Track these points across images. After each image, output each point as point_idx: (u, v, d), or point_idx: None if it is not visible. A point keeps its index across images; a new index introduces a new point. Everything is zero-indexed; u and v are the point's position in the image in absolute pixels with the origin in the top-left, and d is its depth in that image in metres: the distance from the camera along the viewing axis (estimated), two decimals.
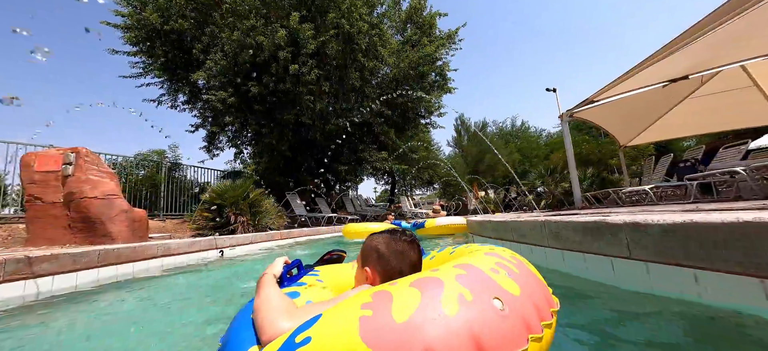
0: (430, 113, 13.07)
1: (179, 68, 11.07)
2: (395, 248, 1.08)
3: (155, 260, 3.95)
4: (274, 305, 0.81)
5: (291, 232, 6.84)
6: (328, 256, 1.61)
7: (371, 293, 0.72)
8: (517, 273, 0.87)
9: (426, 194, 23.91)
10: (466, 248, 1.23)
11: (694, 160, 5.81)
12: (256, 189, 7.36)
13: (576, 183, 8.77)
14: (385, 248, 1.09)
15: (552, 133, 21.38)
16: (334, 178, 12.95)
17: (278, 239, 6.36)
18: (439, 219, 7.28)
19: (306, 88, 8.90)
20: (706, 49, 6.32)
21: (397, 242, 1.10)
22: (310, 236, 7.47)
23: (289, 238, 6.68)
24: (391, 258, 1.07)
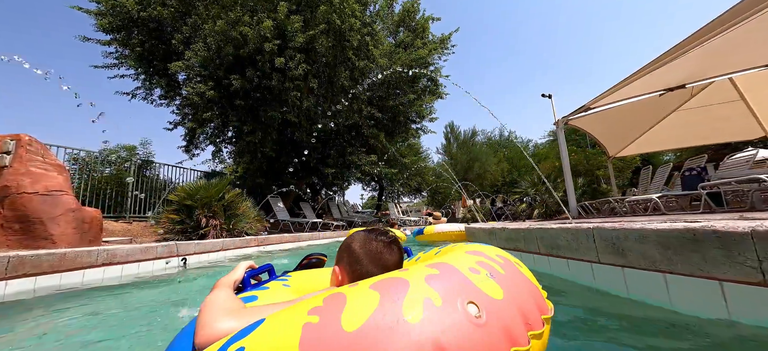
0: (421, 118, 12.53)
1: (157, 60, 10.17)
2: (369, 248, 0.94)
3: (94, 270, 3.14)
4: (216, 306, 0.72)
5: (269, 239, 6.04)
6: (306, 260, 1.46)
7: (325, 296, 0.62)
8: (502, 274, 0.75)
9: (413, 201, 23.34)
10: (452, 247, 1.00)
11: (700, 169, 5.41)
12: (232, 190, 6.56)
13: (572, 192, 8.32)
14: (358, 246, 0.95)
15: (539, 144, 21.33)
16: (320, 182, 12.17)
17: (254, 246, 5.57)
18: (437, 226, 6.68)
19: (292, 83, 8.19)
20: (703, 58, 6.06)
21: (373, 241, 0.95)
22: (291, 243, 6.69)
23: (266, 245, 5.89)
24: (364, 258, 0.92)
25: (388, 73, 10.79)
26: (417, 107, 12.05)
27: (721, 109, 9.77)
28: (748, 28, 3.93)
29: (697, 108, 9.80)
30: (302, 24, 8.44)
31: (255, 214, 6.75)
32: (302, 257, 1.48)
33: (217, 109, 8.81)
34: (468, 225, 4.94)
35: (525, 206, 9.79)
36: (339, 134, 11.31)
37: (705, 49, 4.76)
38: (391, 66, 10.70)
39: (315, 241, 7.62)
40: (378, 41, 10.22)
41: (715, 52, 5.36)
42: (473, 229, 4.10)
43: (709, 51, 5.10)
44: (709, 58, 6.26)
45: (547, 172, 16.10)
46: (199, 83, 8.51)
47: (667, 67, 5.60)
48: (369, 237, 0.97)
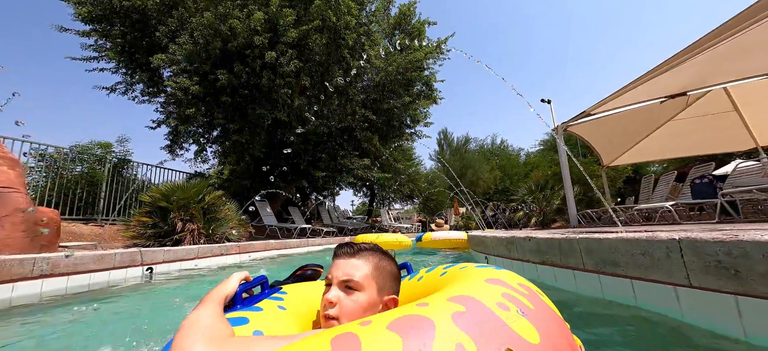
0: (416, 122, 12.07)
1: (139, 53, 9.46)
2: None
3: (27, 284, 2.50)
4: (198, 329, 0.61)
5: (252, 245, 5.39)
6: (300, 271, 1.27)
7: (332, 337, 0.50)
8: (532, 310, 0.63)
9: (405, 208, 22.82)
10: (460, 269, 0.87)
11: (712, 177, 5.07)
12: (214, 191, 5.91)
13: (572, 200, 7.96)
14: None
15: (531, 152, 21.21)
16: (310, 187, 11.55)
17: (235, 253, 4.93)
18: (436, 233, 6.22)
19: (283, 80, 7.63)
20: (706, 66, 5.89)
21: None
22: (278, 250, 6.05)
23: (249, 253, 5.25)
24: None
25: (383, 75, 10.34)
26: (412, 111, 11.60)
27: (714, 120, 9.64)
28: (754, 33, 3.87)
29: (690, 118, 9.65)
30: (295, 19, 7.92)
31: (238, 218, 6.11)
32: (296, 268, 1.30)
33: (202, 105, 8.15)
34: (474, 232, 4.44)
35: (522, 214, 9.39)
36: (331, 137, 10.75)
37: (708, 56, 4.66)
38: (387, 67, 10.26)
39: (304, 249, 7.00)
40: (374, 42, 9.77)
41: (718, 59, 5.07)
42: (483, 239, 3.60)
43: (712, 58, 4.87)
44: (712, 66, 6.03)
45: (540, 180, 15.86)
46: (183, 78, 7.86)
47: (668, 74, 5.50)
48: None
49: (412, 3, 11.93)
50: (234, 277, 0.94)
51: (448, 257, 5.28)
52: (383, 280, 0.84)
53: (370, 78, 10.63)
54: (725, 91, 8.00)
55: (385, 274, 0.86)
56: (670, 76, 6.38)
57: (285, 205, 12.24)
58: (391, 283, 0.87)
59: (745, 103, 8.22)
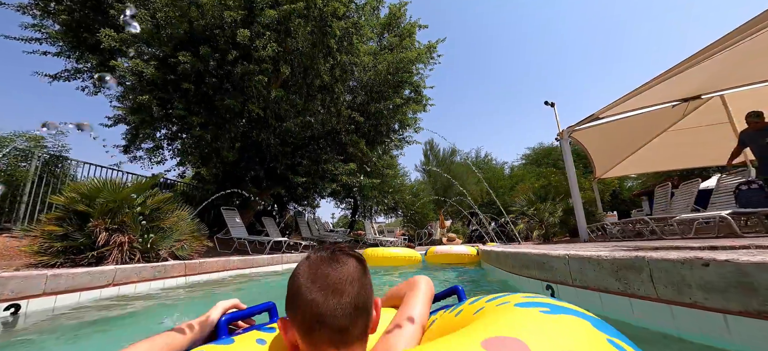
0: (405, 127, 11.03)
1: (88, 33, 7.91)
2: (303, 272, 0.61)
3: None
4: None
5: (205, 264, 3.96)
6: None
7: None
8: None
9: (388, 221, 21.60)
10: (508, 310, 0.57)
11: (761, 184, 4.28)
12: (161, 193, 4.50)
13: (581, 211, 7.10)
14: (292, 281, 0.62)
15: (514, 165, 20.79)
16: (288, 195, 10.14)
17: (177, 276, 3.52)
18: (439, 248, 6.07)
19: (258, 66, 6.36)
20: (718, 70, 5.64)
21: (307, 262, 0.64)
22: (240, 270, 4.63)
23: (199, 273, 3.84)
24: (300, 290, 0.59)
25: (372, 74, 9.29)
26: (401, 115, 10.57)
27: (706, 133, 9.21)
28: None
29: (686, 129, 9.20)
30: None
31: (193, 229, 4.69)
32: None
33: (159, 93, 6.71)
34: (490, 247, 3.36)
35: (522, 226, 8.46)
36: (313, 139, 9.48)
37: (720, 60, 4.49)
38: (376, 66, 9.23)
39: (277, 266, 5.61)
40: (363, 36, 8.75)
41: (732, 62, 4.92)
42: (520, 256, 2.48)
43: (726, 61, 4.71)
44: (724, 70, 5.55)
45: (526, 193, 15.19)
46: (137, 60, 6.43)
47: (680, 77, 4.91)
48: (308, 261, 0.63)
49: (403, 4, 11.09)
50: (217, 306, 0.81)
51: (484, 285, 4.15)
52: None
53: (358, 77, 9.54)
54: (722, 100, 7.56)
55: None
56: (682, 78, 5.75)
57: (259, 216, 10.74)
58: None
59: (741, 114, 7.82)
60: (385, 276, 4.78)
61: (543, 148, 20.81)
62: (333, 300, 0.56)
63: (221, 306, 0.81)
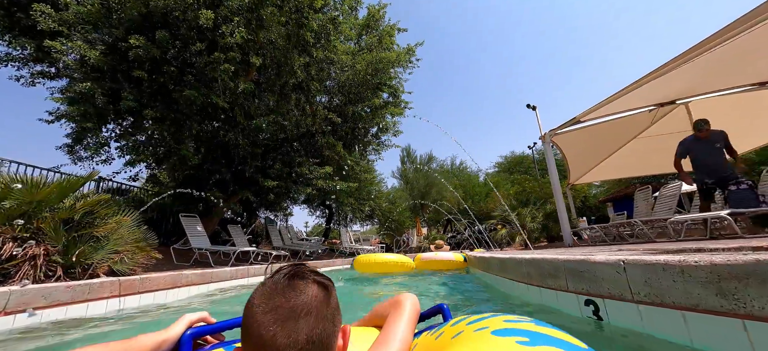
0: (384, 130, 10.57)
1: (22, 11, 6.76)
2: (251, 311, 0.54)
3: None
4: None
5: (147, 281, 3.16)
6: None
7: None
8: None
9: (363, 229, 20.92)
10: (484, 338, 0.56)
11: (751, 182, 4.23)
12: (94, 195, 3.67)
13: (565, 216, 6.95)
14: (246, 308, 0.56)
15: (489, 173, 21.00)
16: (258, 201, 9.27)
17: (108, 297, 2.74)
18: (425, 254, 6.07)
19: (224, 54, 5.64)
20: (693, 77, 5.44)
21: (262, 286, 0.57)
22: (196, 287, 3.84)
23: (139, 293, 3.05)
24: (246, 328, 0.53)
25: (350, 74, 8.78)
26: (379, 118, 10.11)
27: (671, 140, 9.57)
28: (743, 41, 3.67)
29: (653, 136, 9.46)
30: None
31: (138, 237, 3.86)
32: None
33: (106, 81, 5.77)
34: (513, 253, 2.95)
35: (504, 232, 8.22)
36: (287, 141, 8.76)
37: (695, 67, 4.51)
38: (354, 65, 8.75)
39: (240, 280, 4.84)
40: (341, 34, 8.26)
41: (709, 68, 4.96)
42: (541, 263, 2.05)
43: (703, 67, 4.73)
44: (699, 77, 5.68)
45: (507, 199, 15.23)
46: (80, 43, 5.49)
47: (658, 82, 4.93)
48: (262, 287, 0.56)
49: (382, 6, 10.76)
50: (182, 319, 0.74)
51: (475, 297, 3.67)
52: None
53: (336, 77, 9.00)
54: (687, 109, 7.83)
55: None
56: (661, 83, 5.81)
57: (225, 224, 9.75)
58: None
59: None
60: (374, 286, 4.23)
61: (515, 156, 21.24)
62: (284, 336, 0.49)
63: (187, 319, 0.74)
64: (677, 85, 6.53)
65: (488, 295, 2.86)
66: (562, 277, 1.81)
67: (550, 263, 1.93)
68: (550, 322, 1.75)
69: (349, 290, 4.34)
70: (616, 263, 1.43)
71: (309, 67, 7.87)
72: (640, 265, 1.33)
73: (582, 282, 1.66)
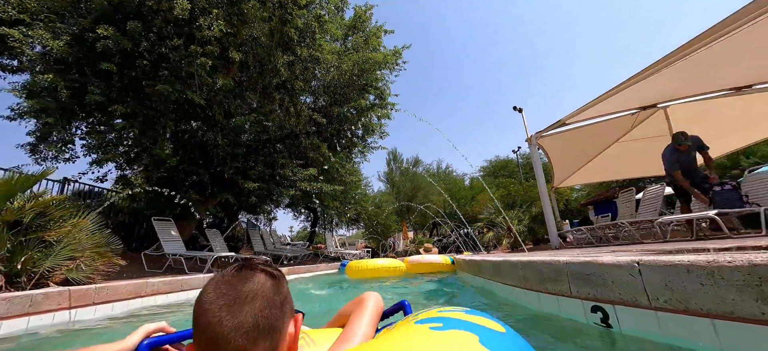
0: (370, 132, 10.36)
1: None
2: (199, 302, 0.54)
3: None
4: None
5: (103, 291, 2.77)
6: None
7: None
8: None
9: (349, 234, 20.57)
10: (407, 328, 0.62)
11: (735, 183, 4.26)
12: (48, 195, 3.29)
13: (551, 218, 6.93)
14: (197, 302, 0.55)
15: (473, 177, 21.12)
16: (238, 204, 8.86)
17: (56, 309, 2.38)
18: (412, 257, 6.24)
19: (202, 48, 5.32)
20: (675, 81, 5.47)
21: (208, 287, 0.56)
22: (163, 295, 3.50)
23: (95, 304, 2.70)
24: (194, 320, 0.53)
25: (335, 74, 8.56)
26: (365, 120, 9.91)
27: (649, 144, 9.80)
28: (720, 47, 3.77)
29: (632, 141, 9.64)
30: None
31: (99, 242, 3.49)
32: None
33: (72, 74, 5.32)
34: (507, 256, 2.79)
35: (491, 235, 8.14)
36: (269, 142, 8.42)
37: (677, 71, 4.55)
38: (340, 65, 8.54)
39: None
40: (327, 32, 8.04)
41: (688, 72, 5.00)
42: (539, 266, 1.90)
43: (682, 72, 4.77)
44: (681, 81, 5.80)
45: (486, 204, 15.29)
46: (42, 31, 5.04)
47: (640, 85, 5.00)
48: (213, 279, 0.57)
49: (369, 7, 10.62)
50: (139, 330, 0.72)
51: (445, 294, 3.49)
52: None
53: (321, 78, 8.75)
54: (665, 113, 8.03)
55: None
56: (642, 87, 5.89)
57: (202, 227, 9.27)
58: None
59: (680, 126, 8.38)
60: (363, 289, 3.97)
61: (499, 160, 21.48)
62: (230, 321, 0.50)
63: (144, 330, 0.73)
64: (658, 89, 6.65)
65: (485, 300, 2.68)
66: (564, 281, 1.65)
67: (549, 266, 1.77)
68: (551, 329, 1.53)
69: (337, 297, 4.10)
70: (630, 265, 1.27)
71: (293, 65, 7.60)
72: (658, 267, 1.17)
73: (588, 286, 1.50)
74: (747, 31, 3.61)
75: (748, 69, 5.53)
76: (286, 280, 0.63)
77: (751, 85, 5.69)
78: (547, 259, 1.83)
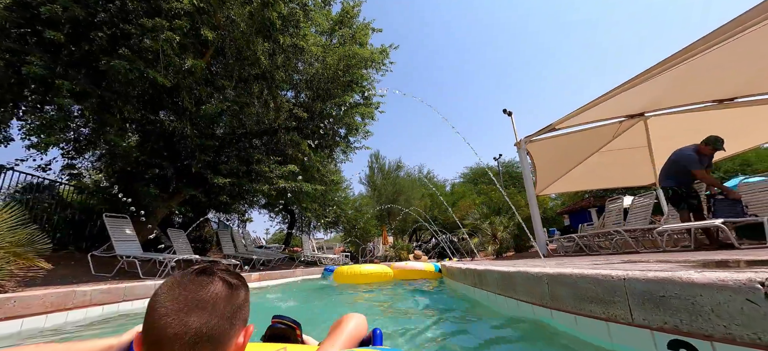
0: (353, 131, 9.84)
1: None
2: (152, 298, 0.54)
3: None
4: None
5: (8, 303, 2.13)
6: (269, 331, 0.93)
7: None
8: None
9: (327, 237, 19.82)
10: None
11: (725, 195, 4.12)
12: None
13: (539, 225, 6.71)
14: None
15: (455, 183, 21.05)
16: (209, 201, 8.07)
17: None
18: (397, 263, 6.21)
19: (168, 22, 4.65)
20: (662, 90, 5.50)
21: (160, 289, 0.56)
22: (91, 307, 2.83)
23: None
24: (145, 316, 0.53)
25: (320, 68, 8.04)
26: (349, 118, 9.40)
27: (629, 154, 9.94)
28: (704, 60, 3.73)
29: (614, 151, 9.70)
30: None
31: (19, 240, 2.78)
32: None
33: (8, 41, 4.49)
34: (525, 267, 2.39)
35: (477, 241, 7.84)
36: (245, 136, 7.73)
37: (664, 81, 4.57)
38: (325, 57, 8.03)
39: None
40: (311, 19, 7.52)
41: (676, 81, 5.04)
42: (576, 280, 1.51)
43: (671, 80, 4.79)
44: (668, 90, 5.76)
45: (467, 209, 15.14)
46: None
47: (627, 95, 4.98)
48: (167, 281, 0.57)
49: (357, 3, 10.19)
50: (130, 331, 0.75)
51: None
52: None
53: (304, 71, 8.20)
54: (645, 124, 8.11)
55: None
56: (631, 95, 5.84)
57: (166, 227, 8.37)
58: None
59: (658, 137, 8.52)
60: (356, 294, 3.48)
61: (479, 168, 21.57)
62: (175, 326, 0.48)
63: (135, 331, 0.74)
64: (644, 100, 6.66)
65: (495, 323, 2.23)
66: (622, 304, 1.25)
67: (596, 282, 1.37)
68: None
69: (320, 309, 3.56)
70: (749, 287, 0.88)
71: (274, 55, 7.01)
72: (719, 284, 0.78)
73: (663, 312, 1.10)
74: (731, 45, 3.55)
75: (735, 84, 5.60)
76: (247, 287, 0.62)
77: (733, 98, 5.78)
78: (589, 272, 1.43)
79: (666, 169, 4.47)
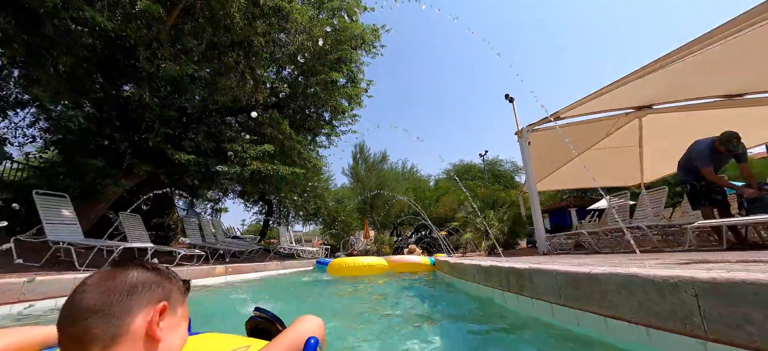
0: (338, 115, 9.03)
1: None
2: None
3: None
4: None
5: None
6: (251, 322, 0.90)
7: None
8: None
9: (306, 230, 18.90)
10: None
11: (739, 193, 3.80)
12: None
13: (539, 221, 6.28)
14: None
15: (439, 178, 20.70)
16: (172, 181, 7.05)
17: None
18: (394, 256, 6.29)
19: None
20: (669, 83, 5.24)
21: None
22: None
23: None
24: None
25: (305, 39, 7.18)
26: (334, 101, 8.55)
27: (616, 154, 9.75)
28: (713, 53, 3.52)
29: (604, 149, 9.46)
30: None
31: None
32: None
33: None
34: (563, 264, 1.80)
35: (469, 236, 7.34)
36: (218, 112, 6.78)
37: (671, 73, 4.37)
38: (311, 29, 7.19)
39: None
40: None
41: (681, 76, 4.80)
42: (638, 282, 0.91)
43: (676, 75, 4.60)
44: (674, 85, 5.44)
45: (452, 205, 14.76)
46: None
47: (635, 85, 4.75)
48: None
49: None
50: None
51: None
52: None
53: (287, 41, 7.31)
54: (639, 123, 7.89)
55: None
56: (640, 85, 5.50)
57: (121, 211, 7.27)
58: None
59: (652, 137, 8.36)
60: None
61: (463, 164, 21.34)
62: (77, 304, 0.50)
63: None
64: (651, 91, 6.35)
65: (506, 323, 1.66)
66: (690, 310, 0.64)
67: (651, 283, 0.75)
68: None
69: None
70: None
71: (254, 20, 6.11)
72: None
73: None
74: (741, 38, 3.19)
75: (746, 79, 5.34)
76: (169, 276, 0.62)
77: (743, 94, 5.54)
78: (646, 272, 0.82)
79: (684, 163, 4.09)
